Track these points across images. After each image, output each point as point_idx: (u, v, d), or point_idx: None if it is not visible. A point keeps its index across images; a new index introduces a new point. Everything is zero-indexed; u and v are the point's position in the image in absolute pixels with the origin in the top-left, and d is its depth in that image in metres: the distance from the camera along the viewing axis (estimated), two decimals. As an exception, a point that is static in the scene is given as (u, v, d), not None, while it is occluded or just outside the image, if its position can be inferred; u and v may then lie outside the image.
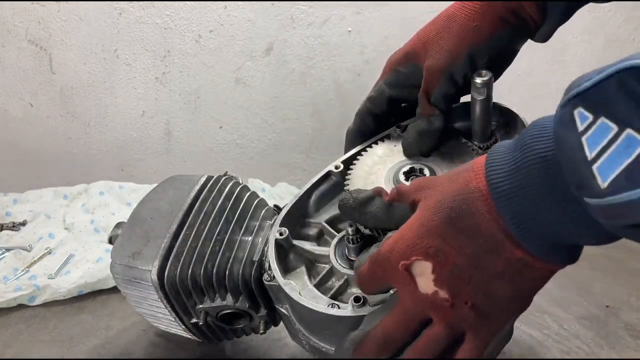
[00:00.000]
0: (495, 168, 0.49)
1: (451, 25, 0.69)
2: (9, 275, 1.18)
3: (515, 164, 0.47)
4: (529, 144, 0.46)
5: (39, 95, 1.64)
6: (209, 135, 1.75)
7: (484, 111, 0.73)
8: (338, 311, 0.66)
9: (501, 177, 0.48)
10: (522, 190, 0.46)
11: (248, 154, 1.79)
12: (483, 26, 0.68)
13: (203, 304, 0.79)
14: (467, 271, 0.50)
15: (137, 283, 0.78)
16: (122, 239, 0.82)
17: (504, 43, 0.70)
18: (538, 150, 0.45)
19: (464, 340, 0.54)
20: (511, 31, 0.69)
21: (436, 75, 0.70)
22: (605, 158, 0.38)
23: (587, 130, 0.40)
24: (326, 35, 1.64)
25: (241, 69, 1.67)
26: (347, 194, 0.65)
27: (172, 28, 1.60)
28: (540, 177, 0.45)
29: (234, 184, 0.88)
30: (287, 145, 1.79)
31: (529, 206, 0.46)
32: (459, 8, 0.70)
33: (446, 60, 0.69)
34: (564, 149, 0.42)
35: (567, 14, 0.70)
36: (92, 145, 1.73)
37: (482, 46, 0.68)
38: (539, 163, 0.45)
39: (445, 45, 0.69)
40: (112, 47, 1.61)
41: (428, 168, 0.75)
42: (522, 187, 0.46)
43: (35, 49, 1.59)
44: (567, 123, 0.41)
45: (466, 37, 0.68)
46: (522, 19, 0.69)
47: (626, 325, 1.02)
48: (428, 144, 0.75)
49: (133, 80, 1.65)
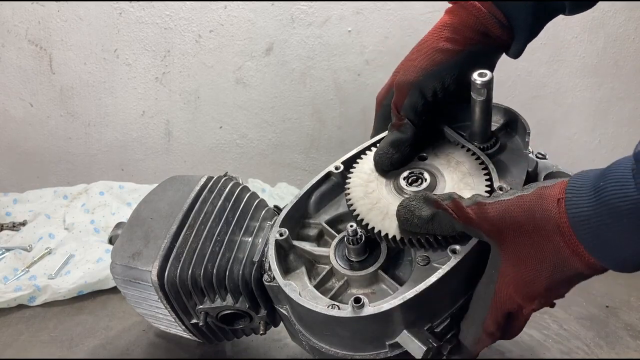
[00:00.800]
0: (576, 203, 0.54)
1: (421, 48, 0.76)
2: (9, 275, 1.19)
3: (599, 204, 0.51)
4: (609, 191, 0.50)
5: (39, 95, 1.64)
6: (209, 135, 1.75)
7: (484, 112, 0.73)
8: (338, 312, 0.66)
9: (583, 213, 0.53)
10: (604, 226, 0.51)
11: (248, 154, 1.79)
12: (451, 47, 0.74)
13: (203, 305, 0.79)
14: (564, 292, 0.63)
15: (137, 284, 0.77)
16: (122, 239, 0.82)
17: (473, 60, 0.74)
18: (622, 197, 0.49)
19: None
20: (480, 50, 0.74)
21: (405, 88, 0.76)
22: None
23: None
24: (326, 35, 1.64)
25: (241, 69, 1.67)
26: (408, 212, 0.67)
27: (172, 28, 1.60)
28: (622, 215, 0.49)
29: (234, 184, 0.87)
30: (287, 145, 1.79)
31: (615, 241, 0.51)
32: (430, 34, 0.76)
33: (414, 75, 0.75)
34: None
35: (534, 32, 0.75)
36: (92, 145, 1.73)
37: (450, 64, 0.74)
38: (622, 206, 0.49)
39: (414, 63, 0.76)
40: (112, 47, 1.61)
41: (427, 172, 0.75)
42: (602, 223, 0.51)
43: (35, 49, 1.59)
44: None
45: (434, 56, 0.74)
46: (491, 39, 0.74)
47: (626, 326, 1.02)
48: (398, 155, 0.77)
49: (133, 80, 1.65)
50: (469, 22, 0.73)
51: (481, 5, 0.72)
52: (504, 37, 0.74)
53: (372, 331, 0.67)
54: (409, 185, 0.74)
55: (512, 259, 0.60)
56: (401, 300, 0.63)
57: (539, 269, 0.59)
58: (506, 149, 0.79)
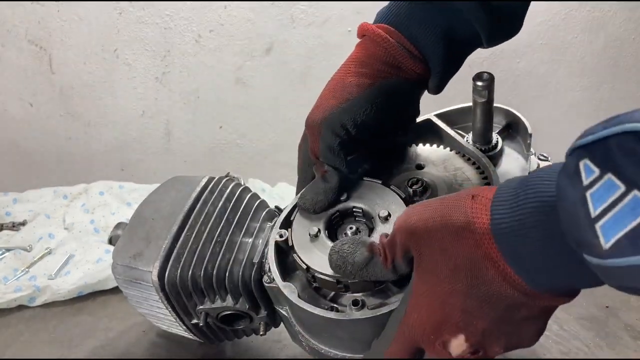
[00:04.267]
0: (499, 204, 0.48)
1: (329, 86, 0.71)
2: (9, 275, 1.18)
3: (517, 202, 0.46)
4: (534, 186, 0.45)
5: (39, 95, 1.64)
6: (209, 135, 1.75)
7: (485, 114, 0.73)
8: (336, 314, 0.66)
9: (503, 215, 0.47)
10: (523, 231, 0.45)
11: (248, 154, 1.79)
12: (359, 81, 0.69)
13: (203, 305, 0.79)
14: (496, 328, 0.52)
15: (138, 284, 0.78)
16: (124, 239, 0.82)
17: (387, 95, 0.69)
18: (541, 192, 0.44)
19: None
20: (395, 84, 0.69)
21: (315, 130, 0.70)
22: (609, 217, 0.37)
23: (592, 185, 0.38)
24: (326, 35, 1.64)
25: (241, 69, 1.67)
26: (340, 258, 0.61)
27: (172, 28, 1.60)
28: (540, 220, 0.44)
29: (235, 185, 0.88)
30: (287, 145, 1.79)
31: (528, 247, 0.45)
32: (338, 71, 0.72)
33: (321, 115, 0.69)
34: (566, 200, 0.40)
35: (450, 64, 0.70)
36: (92, 145, 1.73)
37: (359, 99, 0.68)
38: (539, 207, 0.44)
39: (321, 102, 0.70)
40: (112, 47, 1.61)
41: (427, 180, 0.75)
42: (522, 228, 0.45)
43: (35, 48, 1.58)
44: (572, 174, 0.40)
45: (342, 93, 0.69)
46: (404, 72, 0.69)
47: (626, 326, 1.02)
48: (324, 202, 0.72)
49: (133, 80, 1.65)
50: (377, 54, 0.69)
51: (389, 36, 0.68)
52: (418, 70, 0.69)
53: (370, 333, 0.67)
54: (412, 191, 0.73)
55: (424, 273, 0.54)
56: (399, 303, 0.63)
57: (453, 280, 0.51)
58: (508, 151, 0.79)
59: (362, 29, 0.72)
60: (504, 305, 0.50)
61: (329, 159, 0.70)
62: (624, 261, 0.36)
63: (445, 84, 0.72)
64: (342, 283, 0.65)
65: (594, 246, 0.38)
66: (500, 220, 0.47)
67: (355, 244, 0.61)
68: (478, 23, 0.64)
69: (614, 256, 0.37)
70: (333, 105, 0.69)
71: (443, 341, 0.54)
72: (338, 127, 0.68)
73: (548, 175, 0.44)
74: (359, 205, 0.72)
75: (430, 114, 0.85)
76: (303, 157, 0.78)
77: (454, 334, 0.53)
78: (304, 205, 0.73)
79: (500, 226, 0.47)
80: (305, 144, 0.76)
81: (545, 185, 0.44)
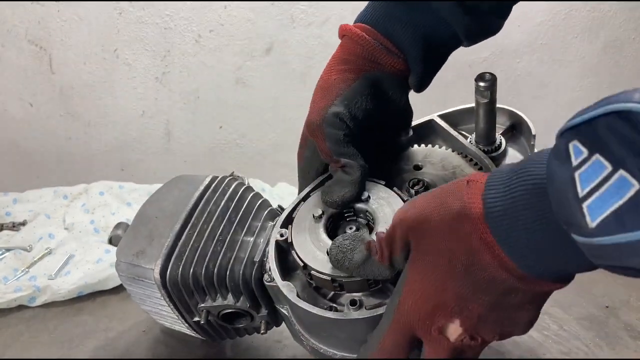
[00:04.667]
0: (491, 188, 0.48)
1: (318, 89, 0.73)
2: (9, 275, 1.18)
3: (509, 185, 0.46)
4: (526, 169, 0.46)
5: (39, 95, 1.64)
6: (209, 135, 1.75)
7: (487, 114, 0.73)
8: (334, 314, 0.66)
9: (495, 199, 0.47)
10: (515, 214, 0.46)
11: (248, 154, 1.79)
12: (344, 77, 0.71)
13: (205, 303, 0.79)
14: (491, 314, 0.52)
15: (140, 281, 0.78)
16: (128, 237, 0.83)
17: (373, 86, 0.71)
18: (533, 175, 0.44)
19: None
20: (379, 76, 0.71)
21: (318, 132, 0.71)
22: (596, 197, 0.37)
23: (581, 166, 0.39)
24: (326, 35, 1.64)
25: (241, 69, 1.67)
26: (339, 253, 0.62)
27: (172, 28, 1.60)
28: (531, 203, 0.44)
29: (238, 184, 0.88)
30: (287, 145, 1.79)
31: (520, 231, 0.46)
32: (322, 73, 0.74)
33: (318, 115, 0.71)
34: (555, 181, 0.41)
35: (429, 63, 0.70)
36: (92, 145, 1.73)
37: (348, 93, 0.70)
38: (531, 190, 0.44)
39: (315, 105, 0.72)
40: (112, 47, 1.61)
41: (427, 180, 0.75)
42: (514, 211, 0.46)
43: (35, 48, 1.58)
44: (561, 155, 0.41)
45: (331, 90, 0.71)
46: (384, 66, 0.71)
47: (626, 326, 1.02)
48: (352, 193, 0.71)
49: (133, 80, 1.65)
50: (356, 52, 0.71)
51: (365, 34, 0.70)
52: (397, 66, 0.71)
53: (369, 333, 0.67)
54: None
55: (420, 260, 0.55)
56: None
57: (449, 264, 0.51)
58: (511, 152, 0.79)
59: (342, 29, 0.74)
60: (500, 291, 0.50)
61: (342, 152, 0.71)
62: (610, 239, 0.37)
63: (428, 82, 0.73)
64: (337, 282, 0.65)
65: (581, 226, 0.39)
66: (492, 203, 0.47)
67: (355, 240, 0.62)
68: (455, 22, 0.66)
69: (600, 234, 0.37)
70: (327, 105, 0.70)
71: (439, 327, 0.54)
72: (337, 122, 0.70)
73: (539, 158, 0.45)
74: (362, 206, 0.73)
75: (433, 114, 0.85)
76: (304, 163, 0.79)
77: (450, 318, 0.53)
78: (331, 199, 0.71)
79: (493, 209, 0.47)
80: (305, 151, 0.77)
81: (536, 167, 0.44)
